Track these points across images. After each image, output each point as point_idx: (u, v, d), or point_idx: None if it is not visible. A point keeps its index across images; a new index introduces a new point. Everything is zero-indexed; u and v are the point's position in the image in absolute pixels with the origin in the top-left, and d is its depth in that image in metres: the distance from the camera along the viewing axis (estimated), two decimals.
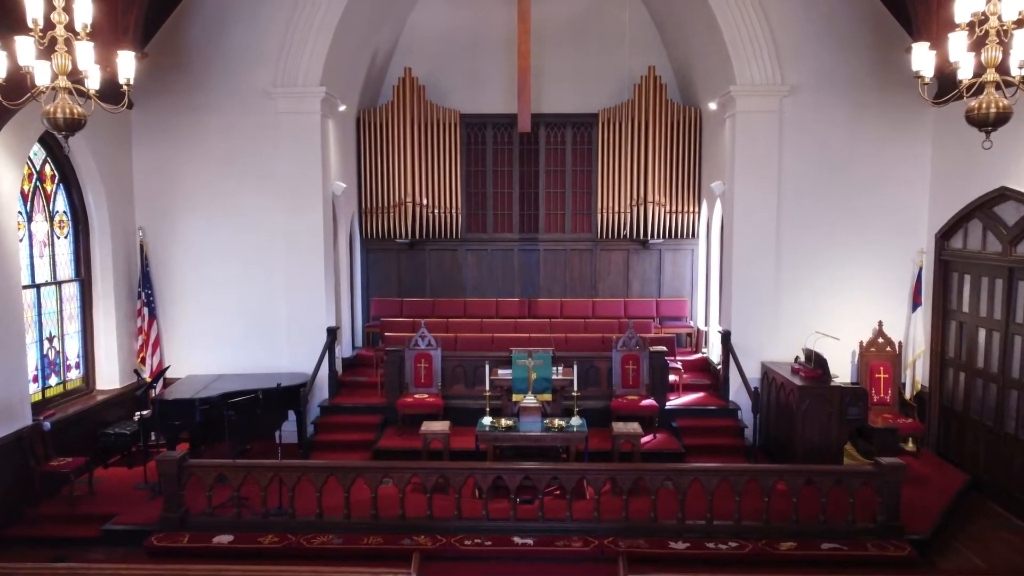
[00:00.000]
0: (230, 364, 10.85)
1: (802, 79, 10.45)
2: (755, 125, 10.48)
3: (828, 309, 10.67)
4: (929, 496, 8.66)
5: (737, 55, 10.32)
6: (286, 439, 10.34)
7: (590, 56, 13.42)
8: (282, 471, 8.05)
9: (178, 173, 10.80)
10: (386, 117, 13.10)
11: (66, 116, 5.46)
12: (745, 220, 10.61)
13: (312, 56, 10.41)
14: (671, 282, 13.54)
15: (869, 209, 10.62)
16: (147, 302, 10.68)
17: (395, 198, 13.15)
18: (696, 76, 12.50)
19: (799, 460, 9.15)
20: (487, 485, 8.00)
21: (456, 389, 10.65)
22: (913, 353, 10.48)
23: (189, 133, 10.74)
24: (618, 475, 7.94)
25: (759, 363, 10.63)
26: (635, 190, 13.10)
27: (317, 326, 10.76)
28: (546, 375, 9.10)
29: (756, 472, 7.95)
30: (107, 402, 10.02)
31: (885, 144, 10.53)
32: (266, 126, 10.64)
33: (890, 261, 10.66)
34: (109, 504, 8.55)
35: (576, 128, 13.43)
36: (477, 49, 13.43)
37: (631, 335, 10.48)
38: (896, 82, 10.35)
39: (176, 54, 10.58)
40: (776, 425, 10.00)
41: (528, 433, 8.66)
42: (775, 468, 8.13)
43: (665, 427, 10.26)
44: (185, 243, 10.89)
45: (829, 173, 10.59)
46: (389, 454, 9.62)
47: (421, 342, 10.51)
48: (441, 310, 13.19)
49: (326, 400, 10.81)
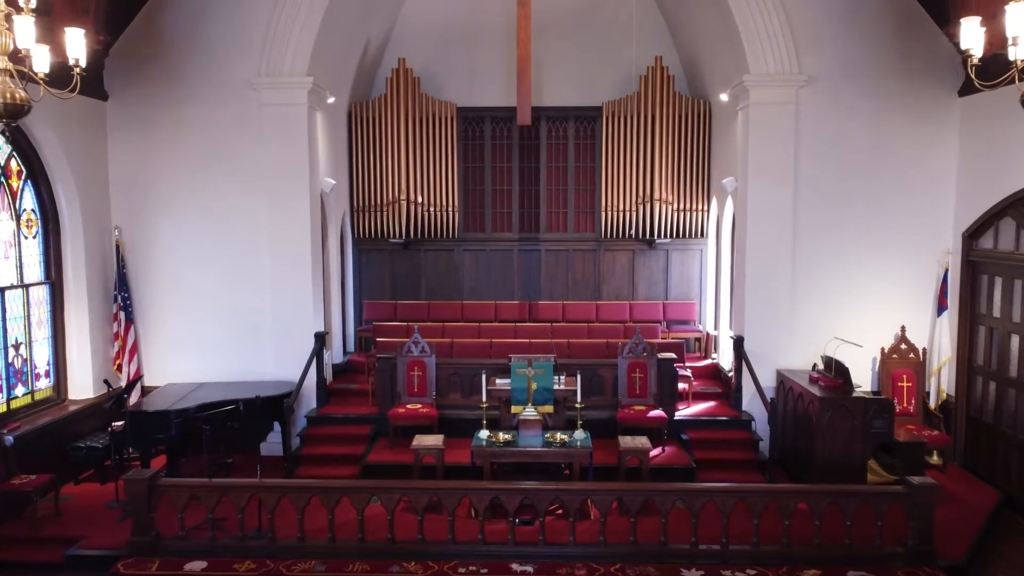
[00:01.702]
0: (213, 371, 10.23)
1: (820, 68, 9.80)
2: (770, 117, 9.84)
3: (847, 313, 10.04)
4: (960, 516, 8.03)
5: (751, 43, 9.69)
6: (272, 450, 9.83)
7: (593, 46, 12.78)
8: (261, 491, 7.44)
9: (157, 169, 10.18)
10: (379, 111, 12.47)
11: (5, 101, 4.84)
12: (759, 219, 9.98)
13: (298, 45, 9.78)
14: (679, 284, 12.91)
15: (891, 206, 9.98)
16: (124, 306, 10.06)
17: (388, 196, 12.53)
18: (706, 66, 11.86)
19: (818, 476, 8.53)
20: (483, 506, 7.39)
21: (452, 398, 10.02)
22: (938, 360, 9.85)
23: (168, 126, 10.11)
24: (625, 496, 7.33)
25: (774, 371, 10.00)
26: (641, 187, 12.47)
27: (304, 331, 10.12)
28: (547, 385, 8.46)
29: (776, 493, 7.32)
30: (79, 413, 9.39)
31: (909, 137, 9.89)
32: (250, 119, 10.02)
33: (914, 262, 10.02)
34: (77, 525, 7.97)
35: (579, 122, 12.79)
36: (475, 39, 12.79)
37: (638, 341, 9.85)
38: (921, 71, 9.75)
39: (154, 42, 9.93)
40: (793, 438, 9.35)
41: (528, 449, 8.02)
42: (797, 489, 7.50)
43: (674, 439, 9.63)
44: (164, 243, 10.26)
45: (848, 168, 9.95)
46: (379, 469, 8.99)
47: (414, 348, 9.88)
48: (437, 314, 12.56)
49: (314, 410, 10.18)
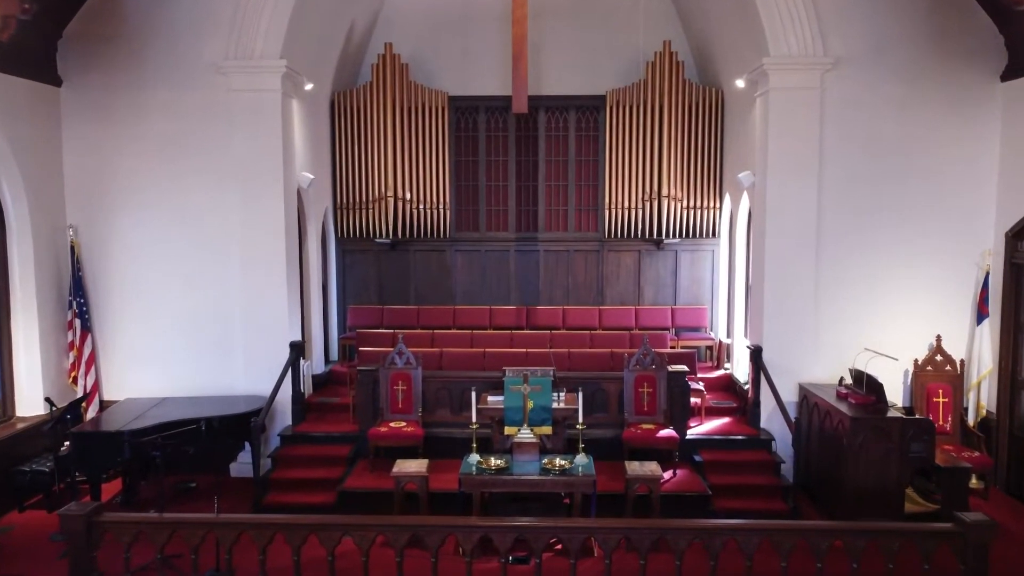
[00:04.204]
0: (179, 385, 9.29)
1: (848, 50, 8.87)
2: (792, 104, 8.91)
3: (876, 320, 9.11)
4: (1013, 551, 7.12)
5: (771, 22, 8.75)
6: (243, 471, 8.94)
7: (596, 30, 11.86)
8: (217, 528, 6.50)
9: (116, 162, 9.25)
10: (364, 100, 11.55)
11: None
12: (779, 216, 9.04)
13: (271, 24, 8.85)
14: (689, 288, 11.97)
15: (925, 202, 9.05)
16: (79, 313, 9.13)
17: (375, 192, 11.61)
18: (719, 51, 10.91)
19: (850, 505, 7.60)
20: (471, 545, 6.45)
21: (440, 415, 9.08)
22: (978, 373, 8.93)
23: (129, 115, 9.19)
24: (633, 534, 6.38)
25: (795, 384, 9.07)
26: (648, 182, 11.55)
27: (278, 340, 9.20)
28: (545, 403, 7.53)
29: (806, 531, 6.36)
30: (28, 432, 8.44)
31: (945, 126, 8.96)
32: (219, 106, 9.10)
33: (950, 264, 9.10)
34: (14, 561, 7.08)
35: (581, 112, 11.86)
36: (468, 23, 11.87)
37: (646, 351, 8.92)
38: (958, 53, 8.85)
39: (112, 22, 9.03)
40: (819, 460, 8.41)
41: (523, 477, 7.07)
42: (829, 527, 6.53)
43: (686, 461, 8.69)
44: (125, 243, 9.33)
45: (878, 159, 9.02)
46: (357, 497, 8.05)
47: (398, 360, 8.95)
48: (427, 320, 11.63)
49: (288, 428, 9.25)
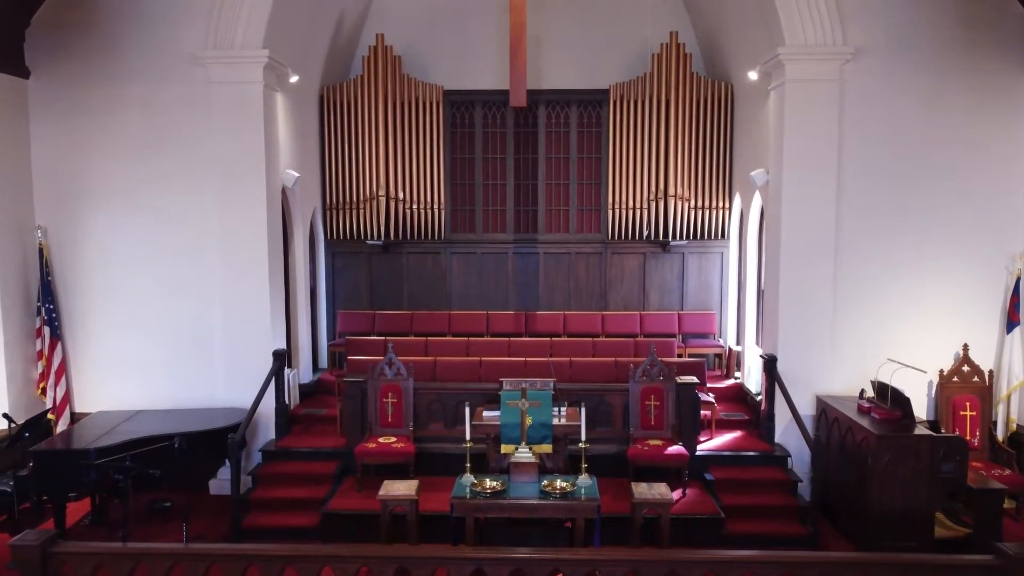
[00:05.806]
0: (156, 396, 8.74)
1: (869, 40, 8.29)
2: (809, 97, 8.33)
3: (899, 328, 8.54)
4: None
5: (787, 9, 8.18)
6: (223, 488, 8.37)
7: (599, 21, 11.26)
8: (184, 559, 5.94)
9: (89, 159, 8.69)
10: (354, 94, 10.97)
11: None
12: (795, 217, 8.47)
13: (252, 11, 8.28)
14: (696, 292, 11.38)
15: (951, 202, 8.48)
16: (48, 320, 8.57)
17: (366, 191, 11.03)
18: (729, 42, 10.33)
19: (875, 529, 7.04)
20: None
21: (433, 429, 8.52)
22: (1008, 385, 8.40)
23: (102, 109, 8.63)
24: (642, 567, 5.81)
25: (812, 396, 8.51)
26: (653, 181, 10.96)
27: (260, 348, 8.62)
28: (545, 420, 6.95)
29: (831, 564, 5.78)
30: None
31: (973, 121, 8.39)
32: (197, 100, 8.54)
33: (978, 268, 8.53)
34: None
35: (582, 107, 11.27)
36: (464, 14, 11.28)
37: (653, 361, 8.34)
38: (987, 43, 8.29)
39: (84, 9, 8.47)
40: (840, 479, 7.82)
41: (521, 501, 6.49)
42: (857, 559, 5.93)
43: (696, 479, 8.11)
44: (97, 246, 8.77)
45: (901, 156, 8.45)
46: (342, 520, 7.48)
47: (388, 370, 8.37)
48: (420, 326, 11.05)
49: (271, 442, 8.67)
